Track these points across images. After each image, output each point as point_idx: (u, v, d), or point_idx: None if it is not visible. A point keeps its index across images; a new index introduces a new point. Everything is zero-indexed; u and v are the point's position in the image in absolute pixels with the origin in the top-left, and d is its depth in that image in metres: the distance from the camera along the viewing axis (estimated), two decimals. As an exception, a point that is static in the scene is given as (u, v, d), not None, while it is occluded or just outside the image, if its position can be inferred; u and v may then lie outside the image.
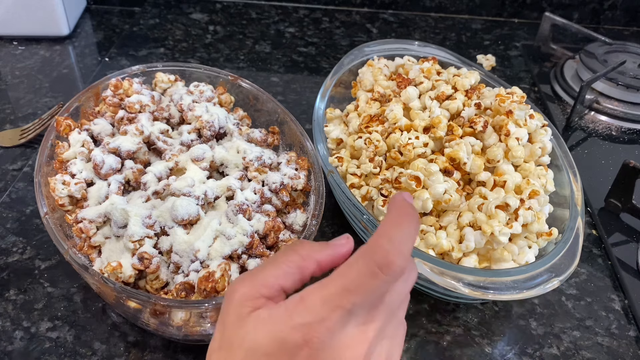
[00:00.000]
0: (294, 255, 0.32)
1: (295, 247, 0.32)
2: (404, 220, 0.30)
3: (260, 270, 0.31)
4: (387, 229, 0.29)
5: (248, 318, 0.30)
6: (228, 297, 0.31)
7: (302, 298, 0.29)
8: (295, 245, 0.32)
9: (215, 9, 1.05)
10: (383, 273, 0.28)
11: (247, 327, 0.29)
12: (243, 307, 0.30)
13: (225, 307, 0.31)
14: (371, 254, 0.28)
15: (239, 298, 0.30)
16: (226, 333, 0.30)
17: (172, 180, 0.52)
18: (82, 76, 0.86)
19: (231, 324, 0.30)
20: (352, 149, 0.59)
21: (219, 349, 0.31)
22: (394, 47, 0.73)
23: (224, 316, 0.31)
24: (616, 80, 0.83)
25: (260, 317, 0.29)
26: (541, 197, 0.53)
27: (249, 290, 0.30)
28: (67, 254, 0.45)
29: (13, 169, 0.68)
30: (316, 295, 0.29)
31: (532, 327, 0.55)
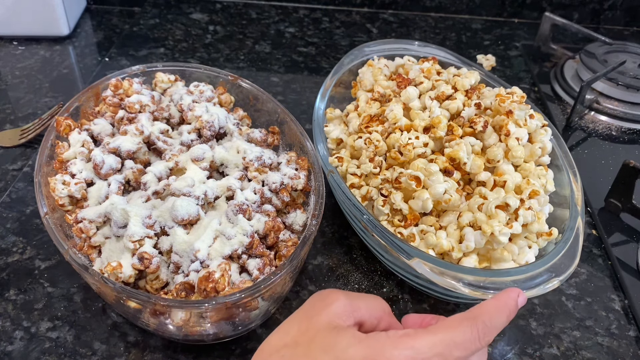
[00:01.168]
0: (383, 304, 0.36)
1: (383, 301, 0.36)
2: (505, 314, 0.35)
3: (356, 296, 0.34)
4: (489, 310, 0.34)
5: (343, 330, 0.31)
6: (323, 301, 0.33)
7: (408, 335, 0.31)
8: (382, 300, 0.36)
9: (215, 9, 1.05)
10: (481, 341, 0.32)
11: (340, 337, 0.31)
12: (338, 318, 0.32)
13: (314, 308, 0.32)
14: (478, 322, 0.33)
15: (337, 308, 0.32)
16: (310, 332, 0.31)
17: (172, 180, 0.52)
18: (82, 76, 0.86)
19: (320, 327, 0.31)
20: (352, 149, 0.59)
21: (294, 344, 0.31)
22: (394, 47, 0.73)
23: (311, 315, 0.32)
24: (616, 80, 0.83)
25: (357, 335, 0.31)
26: (541, 197, 0.53)
27: (348, 306, 0.33)
28: (67, 254, 0.45)
29: (13, 169, 0.68)
30: (424, 337, 0.31)
31: (532, 327, 0.55)
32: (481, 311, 0.34)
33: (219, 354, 0.50)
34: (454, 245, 0.51)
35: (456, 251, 0.51)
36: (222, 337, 0.49)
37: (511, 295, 0.36)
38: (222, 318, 0.45)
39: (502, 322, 0.35)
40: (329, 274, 0.58)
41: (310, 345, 0.30)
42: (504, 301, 0.35)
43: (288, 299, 0.55)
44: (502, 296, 0.36)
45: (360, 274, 0.58)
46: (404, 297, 0.56)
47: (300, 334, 0.31)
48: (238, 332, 0.49)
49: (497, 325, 0.34)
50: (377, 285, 0.57)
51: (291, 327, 0.32)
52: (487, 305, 0.35)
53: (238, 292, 0.43)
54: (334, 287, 0.57)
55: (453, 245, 0.51)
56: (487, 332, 0.33)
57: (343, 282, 0.57)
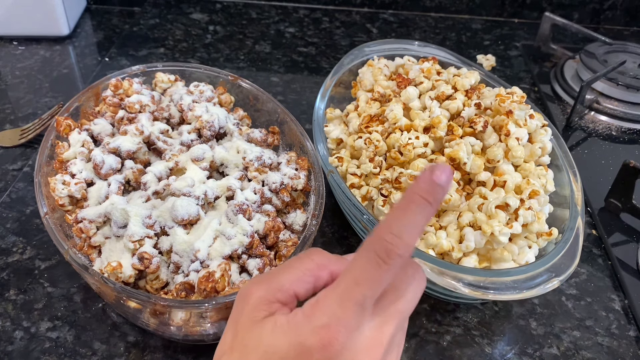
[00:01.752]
0: (310, 263, 0.32)
1: (310, 255, 0.32)
2: (409, 208, 0.29)
3: (275, 275, 0.31)
4: (389, 218, 0.29)
5: (264, 322, 0.30)
6: (242, 299, 0.31)
7: (318, 300, 0.29)
8: (310, 253, 0.32)
9: (215, 9, 1.05)
10: (385, 262, 0.28)
11: (263, 330, 0.29)
12: (258, 310, 0.30)
13: (238, 309, 0.31)
14: (372, 244, 0.28)
15: (254, 301, 0.30)
16: (239, 335, 0.30)
17: (172, 180, 0.52)
18: (82, 76, 0.86)
19: (245, 327, 0.30)
20: (352, 149, 0.59)
21: (230, 351, 0.30)
22: (394, 47, 0.73)
23: (236, 317, 0.31)
24: (616, 80, 0.83)
25: (278, 322, 0.29)
26: (541, 197, 0.53)
27: (264, 294, 0.30)
28: (67, 254, 0.45)
29: (13, 169, 0.68)
30: (330, 296, 0.29)
31: (532, 327, 0.55)
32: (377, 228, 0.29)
33: (219, 354, 0.50)
34: (454, 245, 0.51)
35: (456, 251, 0.51)
36: (222, 337, 0.49)
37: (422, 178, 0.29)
38: (222, 318, 0.45)
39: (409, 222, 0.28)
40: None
41: (242, 347, 0.30)
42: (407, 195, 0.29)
43: (288, 299, 0.55)
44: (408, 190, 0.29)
45: (360, 274, 0.58)
46: (404, 297, 0.56)
47: (233, 339, 0.31)
48: (238, 332, 0.49)
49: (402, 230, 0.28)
50: (377, 285, 0.57)
51: (226, 335, 0.32)
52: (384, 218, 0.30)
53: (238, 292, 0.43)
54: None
55: (453, 245, 0.51)
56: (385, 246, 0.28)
57: (343, 282, 0.57)
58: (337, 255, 0.33)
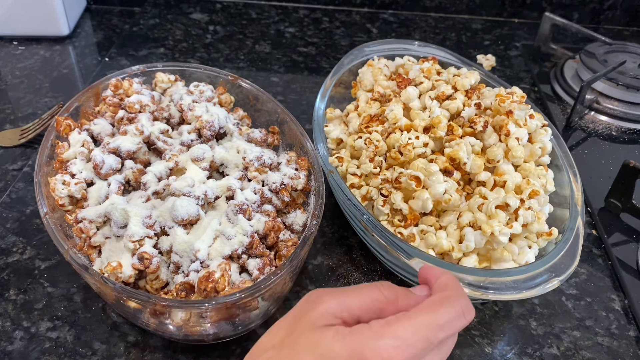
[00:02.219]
0: (380, 295, 0.34)
1: (381, 287, 0.34)
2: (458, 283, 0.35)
3: (347, 294, 0.33)
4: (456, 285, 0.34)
5: (326, 329, 0.31)
6: (310, 303, 0.33)
7: (390, 323, 0.31)
8: (381, 285, 0.34)
9: (215, 9, 1.05)
10: (465, 317, 0.32)
11: (324, 335, 0.30)
12: (323, 318, 0.32)
13: (302, 310, 0.32)
14: (456, 299, 0.33)
15: (322, 310, 0.32)
16: (295, 334, 0.31)
17: (172, 180, 0.52)
18: (82, 76, 0.86)
19: (305, 329, 0.31)
20: (352, 149, 0.59)
21: (280, 346, 0.31)
22: (394, 47, 0.73)
23: (297, 317, 0.32)
24: (616, 80, 0.83)
25: (340, 331, 0.31)
26: (541, 197, 0.53)
27: (334, 307, 0.32)
28: (67, 254, 0.45)
29: (13, 169, 0.68)
30: (405, 324, 0.31)
31: (532, 327, 0.55)
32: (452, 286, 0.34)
33: (219, 354, 0.50)
34: (454, 245, 0.51)
35: (456, 251, 0.51)
36: (222, 337, 0.49)
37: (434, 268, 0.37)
38: (222, 318, 0.45)
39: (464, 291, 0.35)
40: (329, 274, 0.58)
41: (295, 345, 0.31)
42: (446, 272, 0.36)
43: (288, 299, 0.55)
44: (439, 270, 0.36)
45: (360, 274, 0.58)
46: (404, 297, 0.56)
47: (287, 336, 0.32)
48: (238, 332, 0.49)
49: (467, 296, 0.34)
50: (377, 285, 0.57)
51: (279, 330, 0.32)
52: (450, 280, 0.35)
53: (238, 292, 0.43)
54: (334, 287, 0.57)
55: (453, 245, 0.51)
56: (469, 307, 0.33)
57: (343, 282, 0.57)
58: (405, 290, 0.35)
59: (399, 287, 0.35)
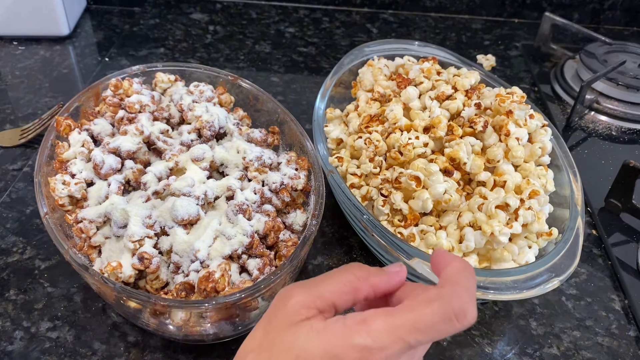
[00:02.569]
0: (351, 276, 0.32)
1: (351, 268, 0.33)
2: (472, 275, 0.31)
3: (317, 283, 0.32)
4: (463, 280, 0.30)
5: (300, 325, 0.30)
6: (281, 300, 0.32)
7: (365, 320, 0.29)
8: (351, 266, 0.33)
9: (215, 9, 1.05)
10: (458, 321, 0.29)
11: (298, 334, 0.30)
12: (296, 314, 0.30)
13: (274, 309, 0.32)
14: (449, 300, 0.29)
15: (294, 304, 0.31)
16: (271, 335, 0.30)
17: (172, 180, 0.52)
18: (82, 76, 0.86)
19: (279, 328, 0.30)
20: (352, 149, 0.59)
21: (259, 349, 0.31)
22: (394, 47, 0.73)
23: (271, 317, 0.31)
24: (616, 80, 0.83)
25: (314, 327, 0.30)
26: (541, 197, 0.53)
27: (304, 299, 0.31)
28: (67, 254, 0.45)
29: (13, 169, 0.68)
30: (382, 322, 0.29)
31: (532, 327, 0.55)
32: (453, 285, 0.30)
33: (219, 354, 0.50)
34: (454, 245, 0.51)
35: (456, 251, 0.51)
36: (222, 337, 0.49)
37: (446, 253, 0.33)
38: (222, 318, 0.45)
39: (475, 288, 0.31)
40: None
41: (272, 347, 0.30)
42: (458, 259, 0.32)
43: (288, 299, 0.55)
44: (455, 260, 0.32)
45: (360, 274, 0.58)
46: (404, 297, 0.56)
47: (264, 337, 0.31)
48: (238, 332, 0.49)
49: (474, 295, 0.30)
50: (377, 285, 0.57)
51: (257, 332, 0.32)
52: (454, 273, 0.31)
53: (238, 292, 0.43)
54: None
55: (453, 245, 0.51)
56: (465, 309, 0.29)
57: (343, 282, 0.57)
58: (377, 268, 0.33)
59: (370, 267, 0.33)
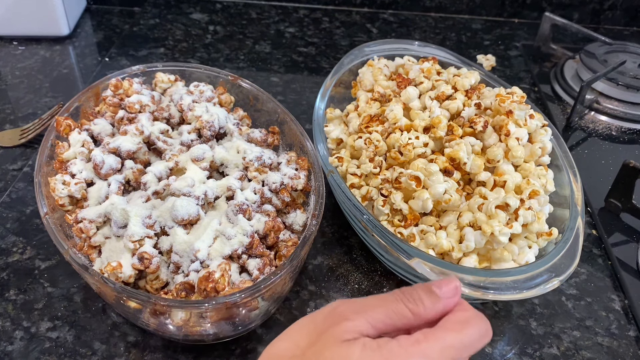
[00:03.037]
0: (407, 312, 0.33)
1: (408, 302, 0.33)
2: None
3: (372, 309, 0.33)
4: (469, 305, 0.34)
5: (353, 343, 0.31)
6: (335, 317, 0.32)
7: (419, 341, 0.31)
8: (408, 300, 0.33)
9: (215, 9, 1.05)
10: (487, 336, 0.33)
11: (351, 350, 0.30)
12: (348, 334, 0.31)
13: (326, 322, 0.32)
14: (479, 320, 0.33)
15: (349, 327, 0.32)
16: (318, 346, 0.31)
17: (172, 180, 0.52)
18: (82, 76, 0.86)
19: (330, 342, 0.31)
20: (352, 149, 0.59)
21: (302, 357, 0.31)
22: (394, 47, 0.73)
23: (321, 328, 0.32)
24: (616, 80, 0.83)
25: (368, 345, 0.31)
26: (541, 197, 0.53)
27: (361, 325, 0.32)
28: (67, 254, 0.45)
29: (13, 169, 0.68)
30: (434, 344, 0.31)
31: (532, 327, 0.55)
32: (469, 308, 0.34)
33: (219, 354, 0.50)
34: (454, 245, 0.51)
35: (456, 251, 0.51)
36: (222, 337, 0.49)
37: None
38: (222, 318, 0.45)
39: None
40: (329, 274, 0.58)
41: (320, 357, 0.30)
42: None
43: (288, 299, 0.55)
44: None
45: (360, 274, 0.58)
46: (404, 297, 0.56)
47: (309, 347, 0.31)
48: (238, 332, 0.49)
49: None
50: (377, 285, 0.57)
51: (301, 338, 0.32)
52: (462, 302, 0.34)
53: (238, 292, 0.43)
54: (334, 287, 0.57)
55: (453, 245, 0.51)
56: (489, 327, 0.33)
57: (343, 282, 0.57)
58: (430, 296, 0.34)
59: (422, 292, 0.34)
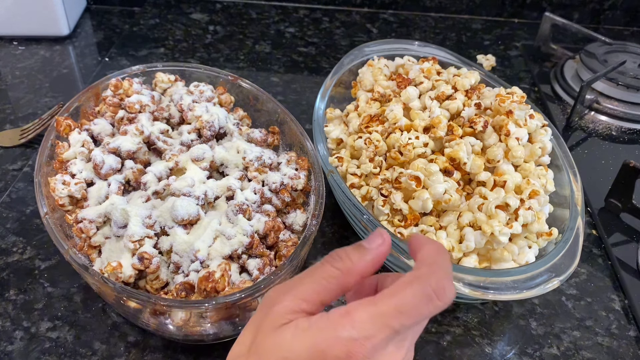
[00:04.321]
0: (334, 271, 0.31)
1: (333, 261, 0.31)
2: (446, 255, 0.31)
3: (300, 283, 0.31)
4: (436, 258, 0.30)
5: (285, 327, 0.30)
6: (266, 306, 0.31)
7: (349, 312, 0.29)
8: (332, 259, 0.32)
9: (215, 9, 1.05)
10: (438, 299, 0.29)
11: (284, 335, 0.29)
12: (281, 317, 0.30)
13: (261, 314, 0.31)
14: (427, 279, 0.29)
15: (279, 310, 0.30)
16: (259, 339, 0.30)
17: (172, 180, 0.52)
18: (82, 76, 0.86)
19: (266, 332, 0.30)
20: (352, 149, 0.59)
21: (247, 354, 0.30)
22: (394, 47, 0.73)
23: (258, 322, 0.31)
24: (616, 80, 0.83)
25: (300, 326, 0.29)
26: (541, 197, 0.53)
27: (289, 304, 0.30)
28: (67, 254, 0.45)
29: (13, 169, 0.68)
30: (365, 312, 0.28)
31: (532, 327, 0.55)
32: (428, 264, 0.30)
33: (219, 354, 0.50)
34: (454, 245, 0.51)
35: (456, 251, 0.51)
36: (222, 337, 0.49)
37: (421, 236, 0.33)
38: (222, 318, 0.45)
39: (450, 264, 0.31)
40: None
41: (260, 351, 0.30)
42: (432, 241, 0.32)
43: (288, 299, 0.55)
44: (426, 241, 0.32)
45: (360, 274, 0.58)
46: (404, 297, 0.56)
47: (251, 342, 0.31)
48: (238, 332, 0.49)
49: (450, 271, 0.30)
50: (377, 285, 0.57)
51: (245, 338, 0.32)
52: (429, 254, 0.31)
53: (238, 292, 0.43)
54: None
55: (453, 245, 0.51)
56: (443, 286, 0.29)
57: (343, 282, 0.57)
58: (360, 249, 0.32)
59: (348, 249, 0.32)
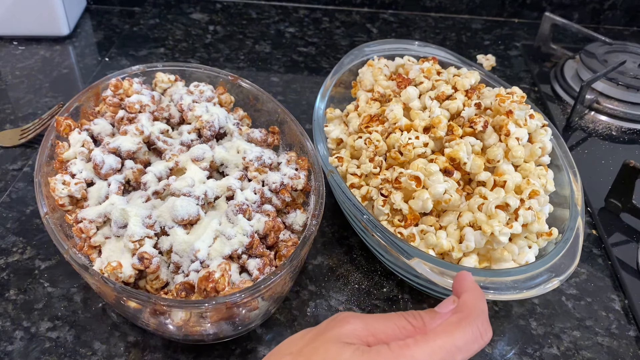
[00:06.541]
0: (407, 324, 0.34)
1: (409, 317, 0.34)
2: (484, 300, 0.35)
3: (375, 320, 0.34)
4: (479, 303, 0.35)
5: (348, 346, 0.32)
6: (338, 321, 0.33)
7: (408, 345, 0.31)
8: (410, 315, 0.35)
9: (215, 9, 1.05)
10: (482, 338, 0.33)
11: (344, 351, 0.31)
12: (348, 338, 0.32)
13: (327, 326, 0.33)
14: (474, 321, 0.33)
15: (349, 330, 0.33)
16: (317, 344, 0.32)
17: (172, 180, 0.52)
18: (82, 76, 0.86)
19: (329, 341, 0.32)
20: (352, 149, 0.59)
21: (297, 353, 0.32)
22: (394, 47, 0.73)
23: (322, 330, 0.33)
24: (616, 80, 0.83)
25: (361, 348, 0.31)
26: (541, 197, 0.53)
27: (360, 331, 0.33)
28: (67, 254, 0.45)
29: (13, 169, 0.68)
30: (423, 346, 0.31)
31: (532, 327, 0.55)
32: (471, 307, 0.34)
33: (219, 354, 0.50)
34: (454, 245, 0.51)
35: (456, 251, 0.51)
36: (222, 337, 0.49)
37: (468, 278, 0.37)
38: (222, 318, 0.45)
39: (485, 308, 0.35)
40: (329, 274, 0.58)
41: (312, 354, 0.31)
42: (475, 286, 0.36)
43: (288, 299, 0.55)
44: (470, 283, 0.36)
45: (360, 274, 0.58)
46: (404, 297, 0.56)
47: (306, 345, 0.32)
48: (238, 332, 0.49)
49: (486, 315, 0.34)
50: (377, 285, 0.57)
51: (301, 339, 0.33)
52: (470, 298, 0.35)
53: (238, 292, 0.43)
54: (333, 287, 0.57)
55: (453, 245, 0.51)
56: (486, 327, 0.33)
57: (343, 282, 0.57)
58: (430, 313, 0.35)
59: (423, 312, 0.35)
